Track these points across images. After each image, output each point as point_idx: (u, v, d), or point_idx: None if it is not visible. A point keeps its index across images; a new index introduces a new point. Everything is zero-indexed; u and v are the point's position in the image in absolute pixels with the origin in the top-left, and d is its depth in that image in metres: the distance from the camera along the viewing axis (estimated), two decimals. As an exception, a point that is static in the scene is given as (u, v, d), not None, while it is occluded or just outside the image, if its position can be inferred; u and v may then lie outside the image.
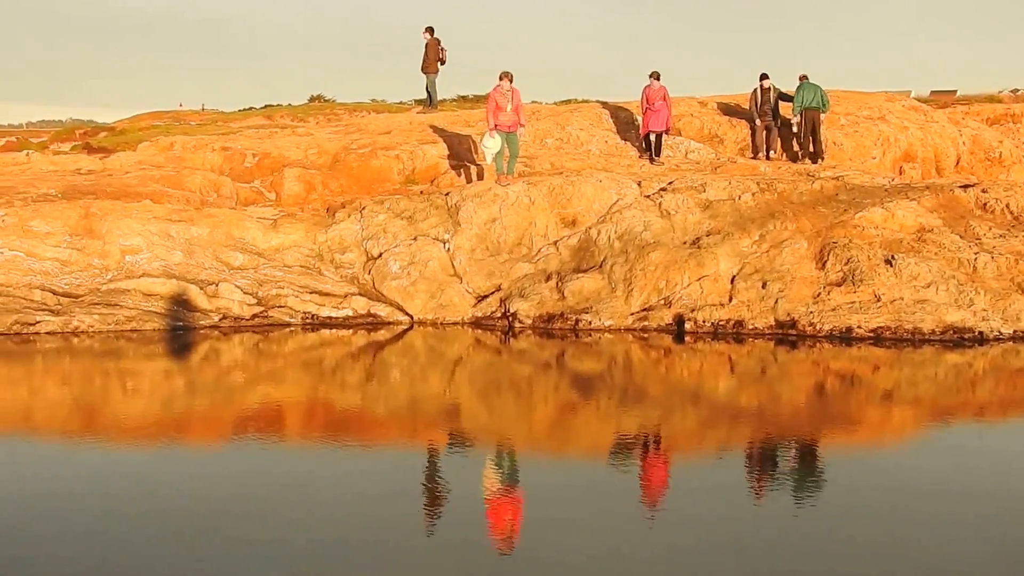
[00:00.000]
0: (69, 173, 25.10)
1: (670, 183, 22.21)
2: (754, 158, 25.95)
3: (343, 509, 9.88)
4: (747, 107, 26.74)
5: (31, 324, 18.89)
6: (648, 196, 21.75)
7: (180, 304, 19.67)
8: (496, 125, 22.01)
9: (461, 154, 25.60)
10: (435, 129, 27.24)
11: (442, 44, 29.37)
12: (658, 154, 25.60)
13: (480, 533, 9.43)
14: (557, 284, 20.21)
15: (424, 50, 29.42)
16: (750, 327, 19.05)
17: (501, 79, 22.12)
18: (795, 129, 25.67)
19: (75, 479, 10.87)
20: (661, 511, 10.13)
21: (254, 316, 19.82)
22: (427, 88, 30.61)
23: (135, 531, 9.18)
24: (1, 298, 19.33)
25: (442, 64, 29.72)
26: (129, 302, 19.61)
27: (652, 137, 25.50)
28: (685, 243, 20.50)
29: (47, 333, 18.79)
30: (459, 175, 24.57)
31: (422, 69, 29.82)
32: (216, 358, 17.88)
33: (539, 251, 21.18)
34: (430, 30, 29.34)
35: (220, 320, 19.62)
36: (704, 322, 19.19)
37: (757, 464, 12.07)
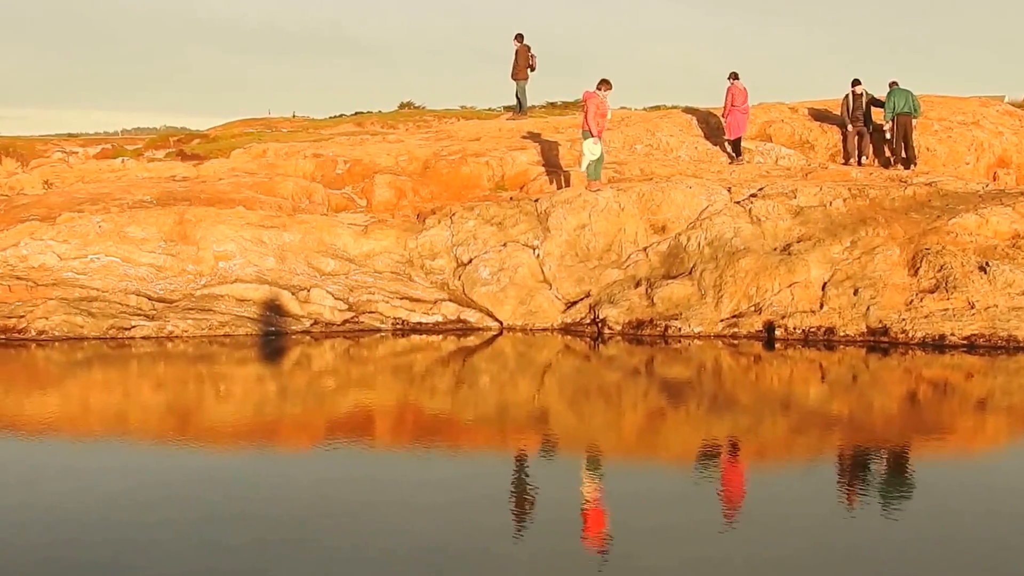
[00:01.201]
0: (164, 180, 25.49)
1: (760, 189, 22.09)
2: (845, 164, 25.71)
3: (438, 515, 9.92)
4: (838, 113, 26.52)
5: (126, 329, 19.21)
6: (738, 202, 21.65)
7: (272, 309, 19.90)
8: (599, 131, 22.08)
9: (551, 160, 25.63)
10: (525, 135, 27.32)
11: (532, 51, 29.42)
12: (739, 154, 25.56)
13: (573, 540, 9.45)
14: (646, 290, 20.18)
15: (514, 57, 29.49)
16: (841, 334, 18.89)
17: (605, 87, 22.13)
18: (888, 135, 25.40)
19: (170, 483, 11.03)
20: (752, 518, 10.07)
21: (345, 322, 19.99)
22: (517, 95, 30.67)
23: (230, 535, 9.31)
24: (98, 303, 19.68)
25: (532, 71, 29.75)
26: (222, 307, 19.87)
27: (732, 137, 25.52)
28: (775, 249, 20.38)
29: (142, 338, 19.09)
30: (549, 181, 24.60)
31: (512, 76, 29.89)
32: (307, 363, 18.05)
33: (628, 257, 21.16)
34: (520, 37, 29.40)
35: (311, 325, 19.82)
36: (795, 329, 19.07)
37: (849, 472, 11.98)
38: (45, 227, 21.05)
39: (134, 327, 19.22)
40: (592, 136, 22.04)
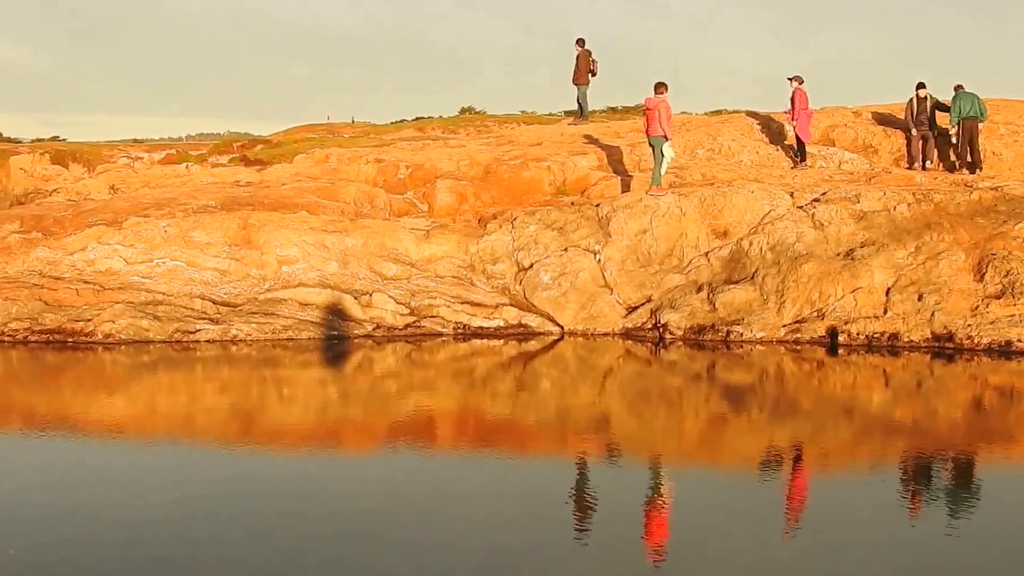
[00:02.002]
0: (228, 185, 25.73)
1: (823, 194, 21.96)
2: (909, 168, 25.49)
3: (501, 516, 9.97)
4: (902, 117, 26.32)
5: (191, 332, 19.41)
6: (801, 207, 21.54)
7: (335, 314, 20.02)
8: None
9: (612, 165, 25.63)
10: (586, 140, 27.34)
11: (593, 56, 29.42)
12: (804, 158, 25.46)
13: (635, 544, 9.45)
14: (708, 295, 20.13)
15: (575, 62, 29.50)
16: (905, 340, 18.76)
17: (664, 90, 22.17)
18: (953, 140, 25.17)
19: (235, 483, 11.16)
20: (815, 526, 10.02)
21: (407, 326, 20.08)
22: (578, 99, 30.67)
23: (295, 533, 9.39)
24: (163, 307, 19.89)
25: (593, 76, 29.74)
26: (285, 311, 20.02)
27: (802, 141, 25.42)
28: (838, 254, 20.26)
29: (206, 341, 19.27)
30: (610, 186, 24.58)
31: (573, 81, 29.89)
32: (369, 367, 18.16)
33: (690, 262, 21.12)
34: (581, 42, 29.41)
35: (373, 330, 19.93)
36: (858, 335, 18.95)
37: (913, 481, 11.89)
38: (112, 232, 21.30)
39: (199, 331, 19.42)
40: (666, 140, 22.08)
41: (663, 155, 22.31)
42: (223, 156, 32.73)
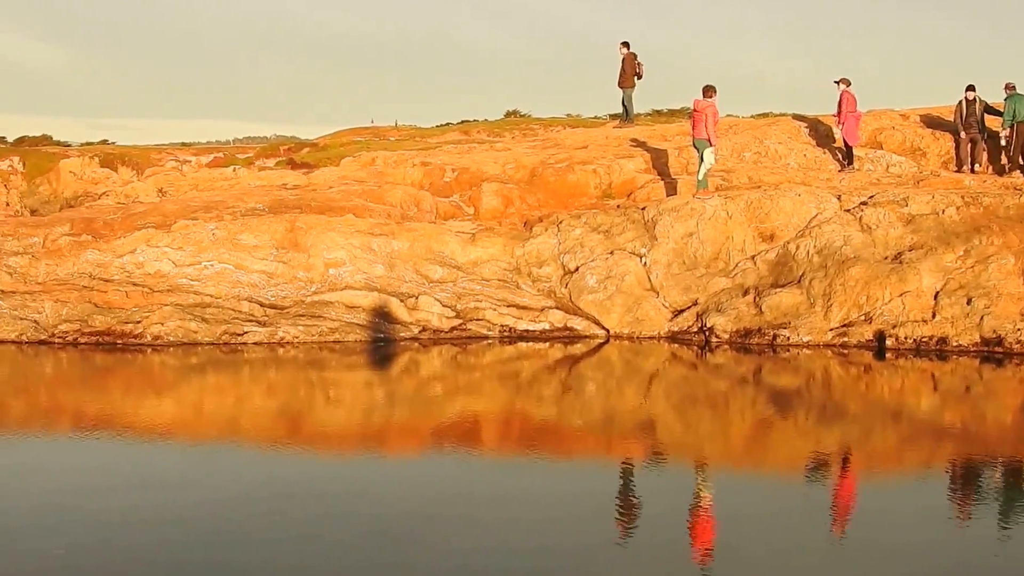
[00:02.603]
0: (275, 188, 25.86)
1: (871, 197, 21.82)
2: (958, 171, 25.29)
3: (547, 519, 9.98)
4: (951, 119, 26.13)
5: (239, 335, 19.53)
6: (848, 210, 21.41)
7: (381, 316, 20.09)
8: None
9: (658, 168, 25.58)
10: (632, 143, 27.29)
11: (638, 58, 29.38)
12: (851, 161, 25.32)
13: (681, 547, 9.44)
14: (754, 299, 20.06)
15: (620, 65, 29.47)
16: (954, 344, 18.63)
17: (713, 94, 22.15)
18: (1003, 142, 24.95)
19: (281, 485, 11.22)
20: (862, 531, 9.96)
21: (452, 329, 20.13)
22: (623, 102, 30.63)
23: (340, 535, 9.44)
24: (211, 309, 20.03)
25: (639, 78, 29.71)
26: (332, 314, 20.11)
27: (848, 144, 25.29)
28: (886, 258, 20.14)
29: (254, 343, 19.39)
30: (656, 189, 24.53)
31: (619, 84, 29.87)
32: (416, 370, 18.22)
33: (736, 265, 21.05)
34: (626, 44, 29.39)
35: (420, 332, 19.99)
36: (906, 339, 18.85)
37: (961, 485, 11.81)
38: (161, 234, 21.46)
39: (246, 333, 19.54)
40: (710, 145, 22.06)
41: (704, 161, 22.28)
42: (270, 159, 32.94)
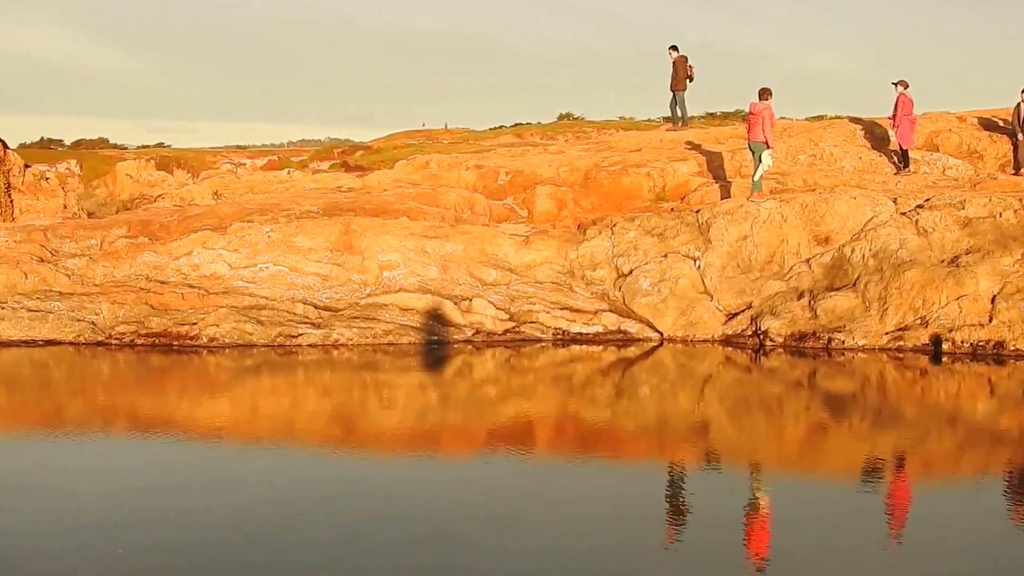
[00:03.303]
0: (330, 191, 26.00)
1: (927, 200, 21.66)
2: (1015, 174, 25.05)
3: (599, 521, 9.99)
4: (1009, 121, 25.90)
5: (294, 336, 19.64)
6: (904, 213, 21.27)
7: (435, 319, 20.15)
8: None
9: (712, 171, 25.52)
10: (686, 146, 27.22)
11: (689, 61, 29.30)
12: (907, 164, 25.14)
13: (734, 550, 9.41)
14: (809, 302, 19.96)
15: (672, 68, 29.38)
16: (1011, 348, 18.46)
17: (769, 96, 22.09)
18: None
19: (334, 486, 11.31)
20: (917, 537, 9.91)
21: (506, 331, 20.15)
22: (675, 106, 30.53)
23: (393, 536, 9.49)
24: (266, 311, 20.16)
25: (690, 81, 29.64)
26: (386, 316, 20.18)
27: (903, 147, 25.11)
28: (943, 261, 19.98)
29: (308, 345, 19.49)
30: (710, 192, 24.47)
31: (671, 87, 29.79)
32: (469, 372, 18.24)
33: (791, 269, 20.96)
34: (675, 48, 29.31)
35: (473, 335, 20.02)
36: (962, 343, 18.70)
37: (1020, 489, 11.72)
38: (216, 237, 21.62)
39: (301, 335, 19.65)
40: (767, 147, 21.99)
41: (761, 162, 22.22)
42: (324, 162, 33.14)
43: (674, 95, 30.05)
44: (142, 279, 20.98)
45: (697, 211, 22.43)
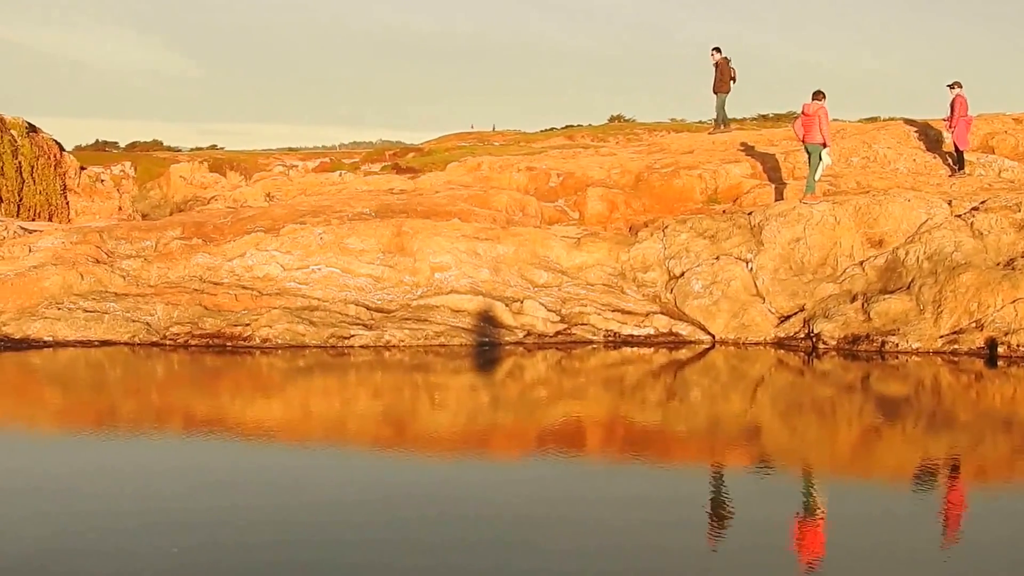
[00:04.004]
0: (382, 192, 26.11)
1: (982, 202, 21.47)
2: (1073, 176, 24.83)
3: (651, 523, 9.97)
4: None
5: (346, 338, 19.72)
6: (959, 215, 21.10)
7: (486, 320, 20.17)
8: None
9: (765, 173, 25.42)
10: (739, 148, 27.14)
11: (732, 63, 29.14)
12: (962, 166, 24.94)
13: (783, 553, 9.37)
14: (862, 305, 19.84)
15: (715, 70, 29.22)
16: (1068, 352, 18.29)
17: (823, 98, 21.98)
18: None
19: (386, 488, 11.33)
20: (971, 543, 9.81)
21: (557, 333, 20.14)
22: (717, 108, 30.37)
23: (442, 538, 9.51)
24: (319, 312, 20.25)
25: (734, 83, 29.48)
26: (438, 318, 20.23)
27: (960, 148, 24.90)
28: (998, 264, 19.80)
29: (360, 346, 19.57)
30: (762, 194, 24.38)
31: (714, 89, 29.61)
32: (520, 374, 18.24)
33: (844, 271, 20.83)
34: (718, 50, 29.17)
35: (524, 337, 20.03)
36: (1019, 346, 18.51)
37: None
38: (269, 238, 21.76)
39: (353, 336, 19.73)
40: (825, 146, 21.88)
41: (820, 161, 22.08)
42: (375, 164, 33.30)
43: (716, 96, 29.92)
44: (196, 280, 21.14)
45: (749, 213, 22.35)
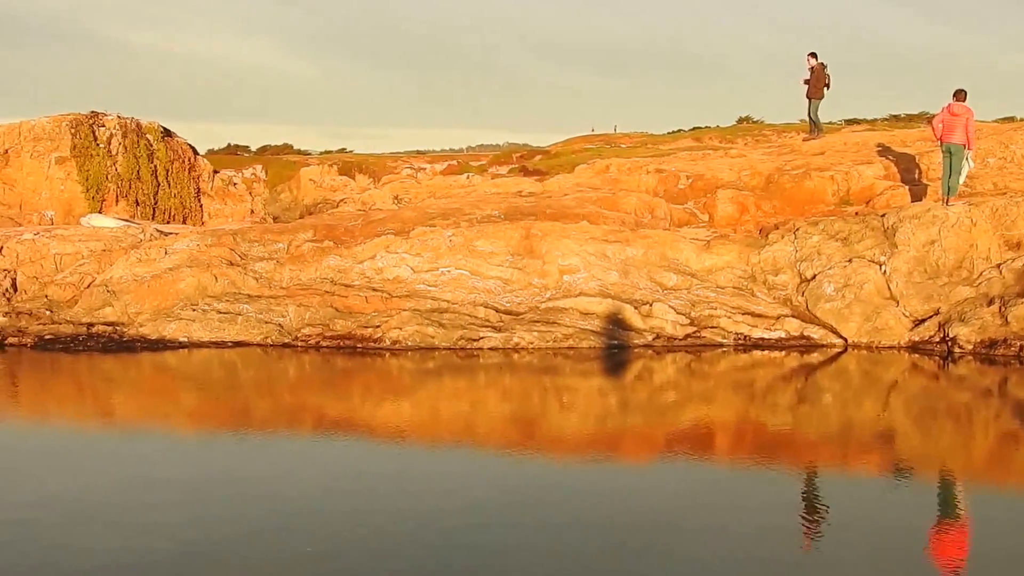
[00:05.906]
0: (510, 195, 26.19)
1: (1124, 204, 20.90)
2: None
3: (782, 527, 9.89)
4: None
5: (475, 340, 19.82)
6: (1102, 217, 20.56)
7: (615, 323, 20.13)
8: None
9: (898, 174, 25.02)
10: (873, 149, 26.75)
11: (827, 69, 28.62)
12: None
13: (920, 568, 9.22)
14: (1000, 309, 19.42)
15: (811, 75, 28.68)
16: None
17: (964, 97, 21.51)
18: None
19: (513, 492, 11.37)
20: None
21: (686, 336, 20.03)
22: (810, 114, 29.82)
23: (581, 545, 9.52)
24: (448, 314, 20.38)
25: (827, 89, 28.94)
26: (566, 320, 20.24)
27: None
28: None
29: (489, 349, 19.65)
30: (895, 196, 23.99)
31: (808, 94, 29.04)
32: (649, 377, 18.17)
33: (980, 274, 20.41)
34: (814, 55, 28.66)
35: (653, 339, 19.95)
36: None
37: None
38: (399, 241, 21.95)
39: (482, 338, 19.82)
40: (968, 148, 21.41)
41: (965, 165, 21.58)
42: (503, 167, 33.42)
43: (810, 102, 29.39)
44: (327, 282, 21.41)
45: (882, 215, 21.99)
